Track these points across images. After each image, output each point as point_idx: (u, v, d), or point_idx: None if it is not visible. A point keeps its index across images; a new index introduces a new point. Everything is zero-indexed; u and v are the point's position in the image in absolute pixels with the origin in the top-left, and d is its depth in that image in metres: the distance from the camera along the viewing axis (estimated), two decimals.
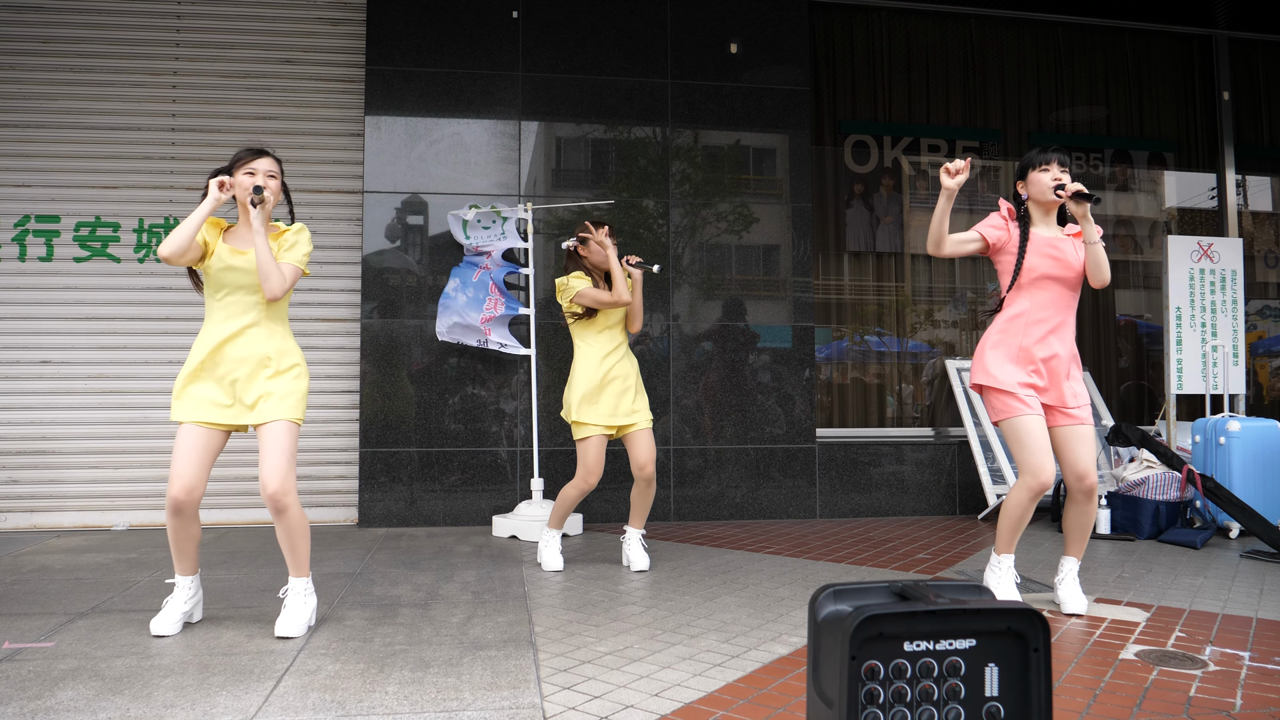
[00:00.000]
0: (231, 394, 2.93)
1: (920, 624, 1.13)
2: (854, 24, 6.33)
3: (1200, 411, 5.96)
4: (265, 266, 2.89)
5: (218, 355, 2.92)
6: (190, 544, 2.96)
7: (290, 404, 2.95)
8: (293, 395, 2.96)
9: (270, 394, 2.93)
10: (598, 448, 3.83)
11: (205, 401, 2.91)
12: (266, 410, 2.91)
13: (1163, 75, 6.80)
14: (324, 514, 5.28)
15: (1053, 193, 3.18)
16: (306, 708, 2.26)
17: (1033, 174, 3.25)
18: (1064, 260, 3.19)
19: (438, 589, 3.58)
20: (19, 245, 5.22)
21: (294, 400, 2.96)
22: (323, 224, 5.42)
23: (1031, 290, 3.21)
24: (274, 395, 2.93)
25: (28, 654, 2.70)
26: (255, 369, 2.93)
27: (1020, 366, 3.19)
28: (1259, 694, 2.39)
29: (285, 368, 2.98)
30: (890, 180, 6.31)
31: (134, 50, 5.35)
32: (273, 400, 2.92)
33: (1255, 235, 6.98)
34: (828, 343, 6.22)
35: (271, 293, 2.91)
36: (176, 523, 2.90)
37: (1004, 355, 3.21)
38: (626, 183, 5.51)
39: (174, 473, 2.87)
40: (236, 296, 2.95)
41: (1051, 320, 3.20)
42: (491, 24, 5.41)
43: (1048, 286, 3.21)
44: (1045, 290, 3.21)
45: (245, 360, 2.93)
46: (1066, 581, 3.28)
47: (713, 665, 2.63)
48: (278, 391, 2.94)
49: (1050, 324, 3.20)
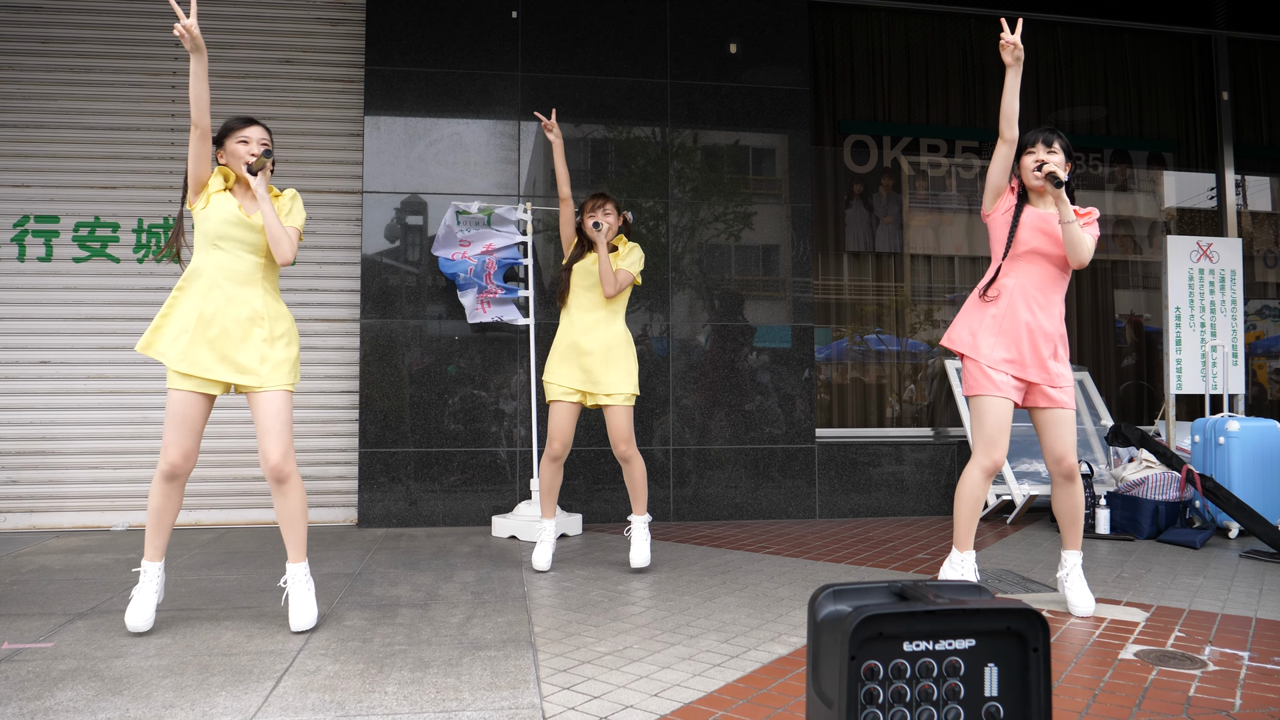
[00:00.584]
0: (219, 352, 2.90)
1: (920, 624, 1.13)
2: (853, 24, 6.33)
3: (1200, 411, 5.96)
4: (275, 231, 2.93)
5: (210, 315, 2.90)
6: (170, 517, 2.96)
7: (284, 372, 2.96)
8: (286, 363, 2.97)
9: (265, 359, 2.93)
10: (561, 413, 3.86)
11: (202, 369, 2.89)
12: (261, 378, 2.92)
13: (1162, 75, 6.80)
14: (323, 514, 5.28)
15: (1034, 175, 3.21)
16: (306, 708, 2.26)
17: (1023, 158, 3.27)
18: (1055, 237, 3.20)
19: (437, 589, 3.58)
20: (18, 245, 5.22)
21: (287, 368, 2.97)
22: (322, 224, 5.43)
23: (1023, 264, 3.23)
24: (268, 362, 2.93)
25: (27, 654, 2.70)
26: (247, 327, 2.93)
27: (1005, 345, 3.19)
28: (1258, 694, 2.39)
29: (278, 334, 2.98)
30: (890, 180, 6.31)
31: (133, 50, 5.35)
32: (267, 368, 2.93)
33: (1254, 235, 6.98)
34: (827, 343, 6.22)
35: (284, 257, 2.95)
36: (167, 489, 2.90)
37: (992, 329, 3.22)
38: (626, 183, 5.51)
39: (168, 440, 2.87)
40: (237, 255, 2.94)
41: (1039, 297, 3.22)
42: (491, 24, 5.41)
43: (1037, 262, 3.22)
44: (1035, 265, 3.22)
45: (238, 320, 2.92)
46: (1073, 579, 3.25)
47: (712, 665, 2.63)
48: (272, 359, 2.94)
49: (1039, 300, 3.21)
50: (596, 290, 3.91)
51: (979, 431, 3.22)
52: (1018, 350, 3.19)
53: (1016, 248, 3.22)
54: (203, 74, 2.91)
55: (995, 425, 3.17)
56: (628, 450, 3.87)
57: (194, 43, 2.87)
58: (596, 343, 3.86)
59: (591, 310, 3.91)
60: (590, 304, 3.92)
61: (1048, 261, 3.22)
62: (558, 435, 3.86)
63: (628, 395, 3.87)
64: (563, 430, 3.86)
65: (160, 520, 2.94)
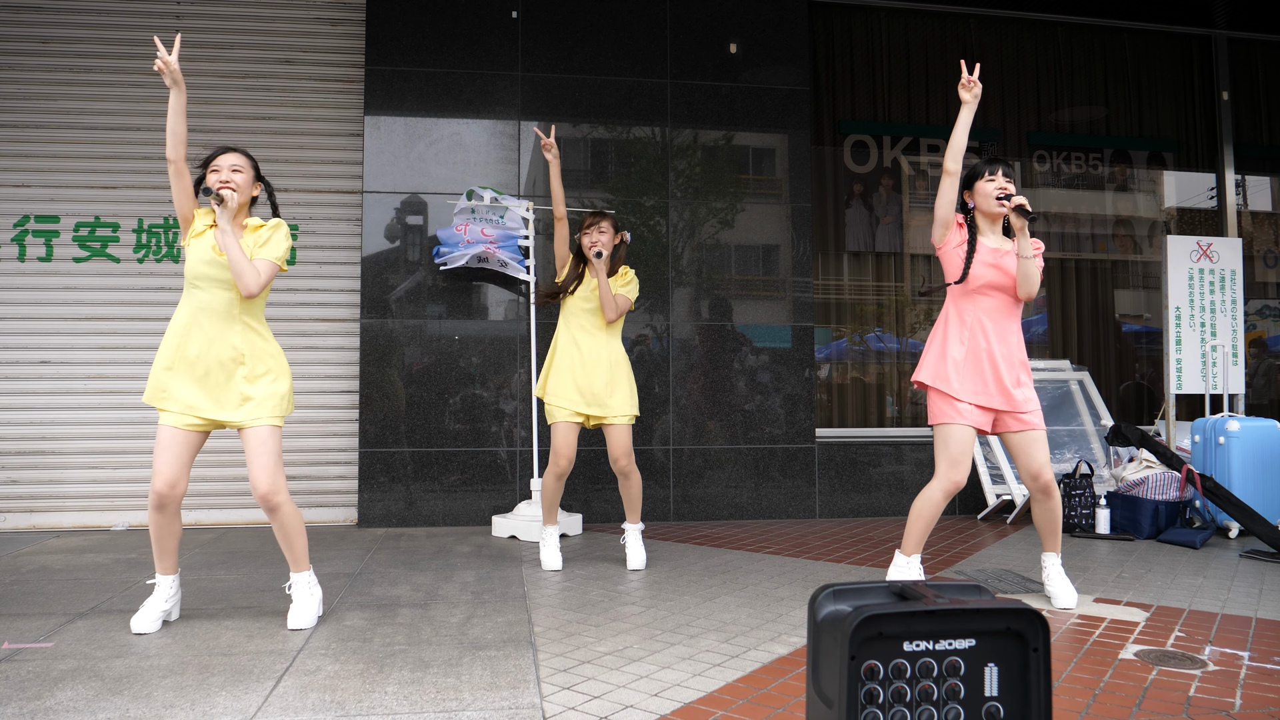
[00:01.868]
0: (208, 392, 2.92)
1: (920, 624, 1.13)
2: (853, 24, 6.34)
3: (1200, 411, 5.96)
4: (236, 264, 2.88)
5: (191, 350, 2.91)
6: (171, 540, 2.98)
7: (270, 407, 2.96)
8: (272, 399, 2.97)
9: (250, 398, 2.94)
10: (564, 433, 3.89)
11: (184, 404, 2.91)
12: (247, 414, 2.93)
13: (1162, 75, 6.80)
14: (323, 514, 5.28)
15: (996, 203, 3.28)
16: (306, 708, 2.26)
17: (979, 184, 3.34)
18: (1006, 271, 3.29)
19: (437, 589, 3.58)
20: (18, 245, 5.22)
21: (273, 403, 2.97)
22: (322, 224, 5.43)
23: (977, 298, 3.32)
24: (254, 400, 2.94)
25: (27, 654, 2.70)
26: (231, 367, 2.94)
27: (970, 376, 3.29)
28: (1258, 694, 2.39)
29: (261, 372, 2.97)
30: (889, 180, 6.31)
31: (133, 50, 5.35)
32: (253, 405, 2.94)
33: (1254, 235, 6.98)
34: (827, 343, 6.22)
35: (247, 289, 2.90)
36: (159, 519, 2.93)
37: (957, 363, 3.31)
38: (626, 182, 5.51)
39: (156, 469, 2.90)
40: (212, 293, 2.94)
41: (996, 328, 3.30)
42: (491, 24, 5.41)
43: (991, 295, 3.31)
44: (988, 299, 3.32)
45: (220, 360, 2.92)
46: (1053, 576, 3.39)
47: (712, 665, 2.63)
48: (257, 395, 2.95)
49: (997, 331, 3.30)
50: (598, 314, 3.93)
51: (943, 454, 3.32)
52: (982, 381, 3.29)
53: (971, 283, 3.31)
54: (181, 109, 2.92)
55: (959, 449, 3.29)
56: (628, 465, 3.91)
57: (173, 78, 2.90)
58: (600, 366, 3.88)
59: (593, 333, 3.93)
60: (591, 326, 3.94)
61: (1001, 293, 3.31)
62: (563, 452, 3.88)
63: (631, 416, 3.93)
64: (567, 447, 3.89)
65: (162, 543, 2.98)
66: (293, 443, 5.19)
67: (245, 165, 3.03)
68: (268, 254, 2.98)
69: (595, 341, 3.92)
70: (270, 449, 2.93)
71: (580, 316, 3.95)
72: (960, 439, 3.29)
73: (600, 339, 3.92)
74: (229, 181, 2.96)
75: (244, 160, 3.04)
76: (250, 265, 2.91)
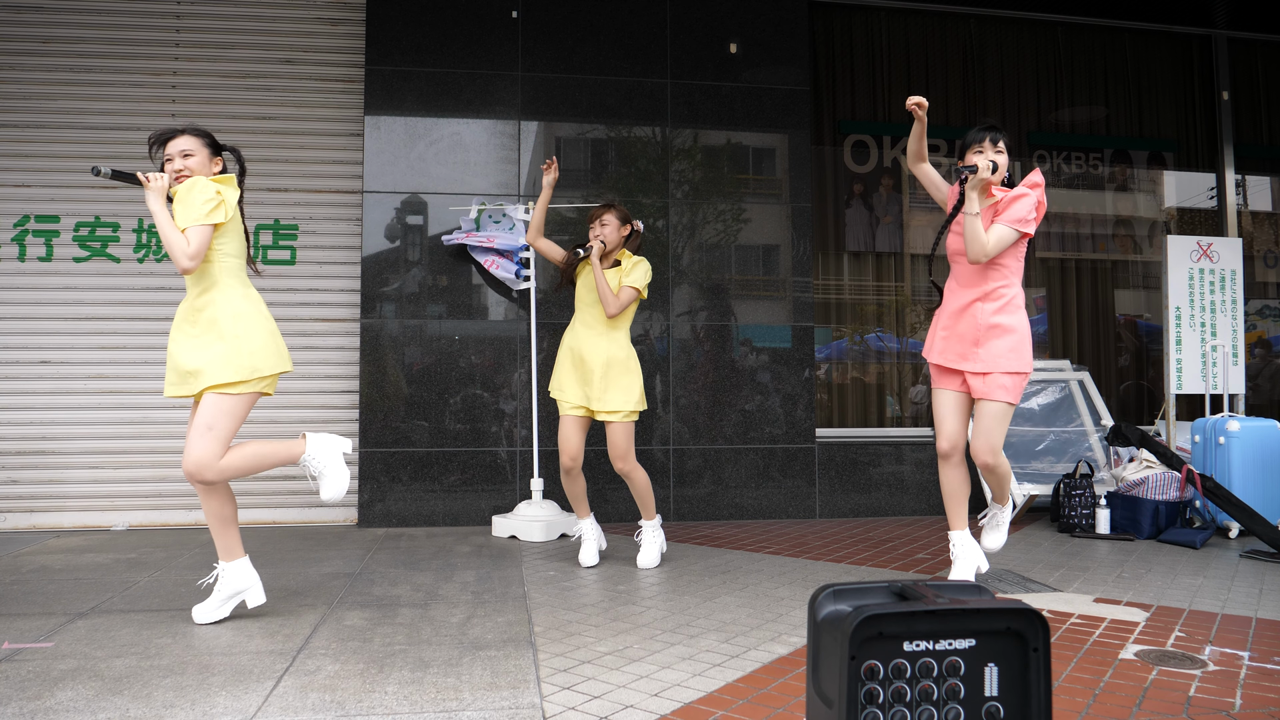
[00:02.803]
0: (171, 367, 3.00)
1: (920, 624, 1.13)
2: (854, 24, 6.33)
3: (1200, 411, 5.96)
4: (163, 234, 2.88)
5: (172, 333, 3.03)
6: (215, 519, 3.04)
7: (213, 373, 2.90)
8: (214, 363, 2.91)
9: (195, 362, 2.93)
10: (566, 427, 3.93)
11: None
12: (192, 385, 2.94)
13: (1162, 75, 6.80)
14: (323, 514, 5.28)
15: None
16: (306, 708, 2.26)
17: (968, 155, 3.38)
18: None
19: (437, 589, 3.58)
20: (19, 245, 5.22)
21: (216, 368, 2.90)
22: (322, 224, 5.43)
23: (953, 267, 3.48)
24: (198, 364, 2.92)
25: (27, 654, 2.70)
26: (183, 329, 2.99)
27: (947, 342, 3.40)
28: (1258, 694, 2.39)
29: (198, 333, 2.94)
30: (890, 180, 6.31)
31: (134, 50, 5.35)
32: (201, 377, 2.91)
33: (1255, 235, 6.98)
34: (827, 343, 6.22)
35: (178, 262, 2.88)
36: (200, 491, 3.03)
37: (938, 331, 3.46)
38: (626, 183, 5.51)
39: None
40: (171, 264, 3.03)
41: (970, 294, 3.37)
42: (491, 24, 5.41)
43: (959, 261, 3.43)
44: (959, 265, 3.44)
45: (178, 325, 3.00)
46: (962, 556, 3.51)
47: (712, 665, 2.63)
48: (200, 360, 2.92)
49: (970, 295, 3.37)
50: (600, 306, 3.92)
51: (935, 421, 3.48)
52: (950, 343, 3.40)
53: (940, 249, 3.49)
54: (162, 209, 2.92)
55: (940, 412, 3.44)
56: (625, 466, 3.90)
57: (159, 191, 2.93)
58: (597, 360, 3.87)
59: (594, 325, 3.93)
60: (593, 319, 3.94)
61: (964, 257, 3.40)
62: (566, 449, 3.90)
63: (627, 413, 3.88)
64: (570, 443, 3.90)
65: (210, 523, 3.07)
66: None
67: (196, 147, 2.98)
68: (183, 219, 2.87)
69: (594, 335, 3.91)
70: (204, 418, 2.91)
71: (584, 310, 3.97)
72: (940, 402, 3.43)
73: (599, 332, 3.91)
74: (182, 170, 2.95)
75: (194, 142, 2.98)
76: (173, 234, 2.87)
